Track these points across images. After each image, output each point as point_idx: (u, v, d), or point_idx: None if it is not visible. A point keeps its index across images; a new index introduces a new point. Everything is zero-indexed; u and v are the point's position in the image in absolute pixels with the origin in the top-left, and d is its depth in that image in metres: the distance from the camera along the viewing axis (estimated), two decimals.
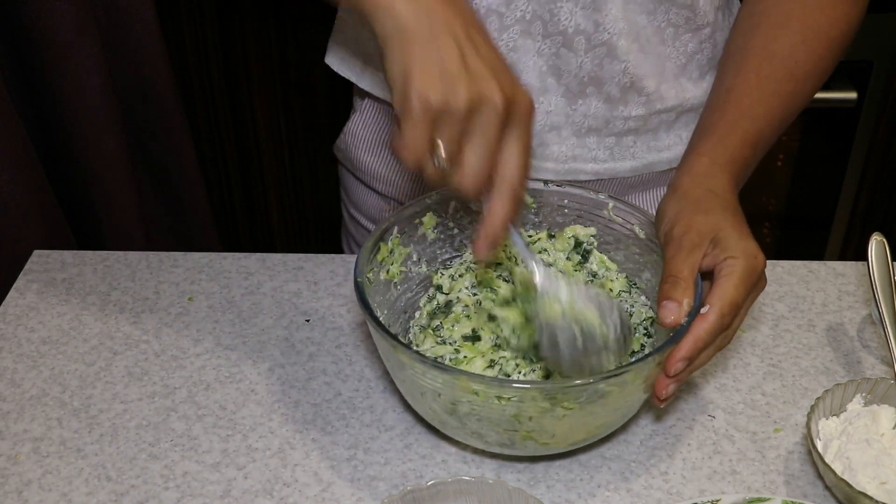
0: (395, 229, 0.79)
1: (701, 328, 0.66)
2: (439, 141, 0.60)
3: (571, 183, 0.84)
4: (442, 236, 0.83)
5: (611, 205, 0.81)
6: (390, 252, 0.79)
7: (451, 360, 0.75)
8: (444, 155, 0.60)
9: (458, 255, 0.84)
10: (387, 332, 0.67)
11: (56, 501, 0.72)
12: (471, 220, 0.83)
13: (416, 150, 0.60)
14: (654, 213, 0.77)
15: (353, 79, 0.98)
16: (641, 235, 0.80)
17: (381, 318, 0.72)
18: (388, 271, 0.79)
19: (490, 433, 0.69)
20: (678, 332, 0.67)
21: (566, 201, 0.83)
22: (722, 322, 0.67)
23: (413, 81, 0.59)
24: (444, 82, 0.59)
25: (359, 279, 0.72)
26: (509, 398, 0.65)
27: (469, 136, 0.60)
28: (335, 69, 0.99)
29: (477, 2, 0.84)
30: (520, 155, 0.62)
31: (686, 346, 0.66)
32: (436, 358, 0.75)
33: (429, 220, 0.81)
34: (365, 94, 0.99)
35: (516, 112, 0.61)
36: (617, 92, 0.88)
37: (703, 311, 0.67)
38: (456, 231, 0.84)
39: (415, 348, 0.77)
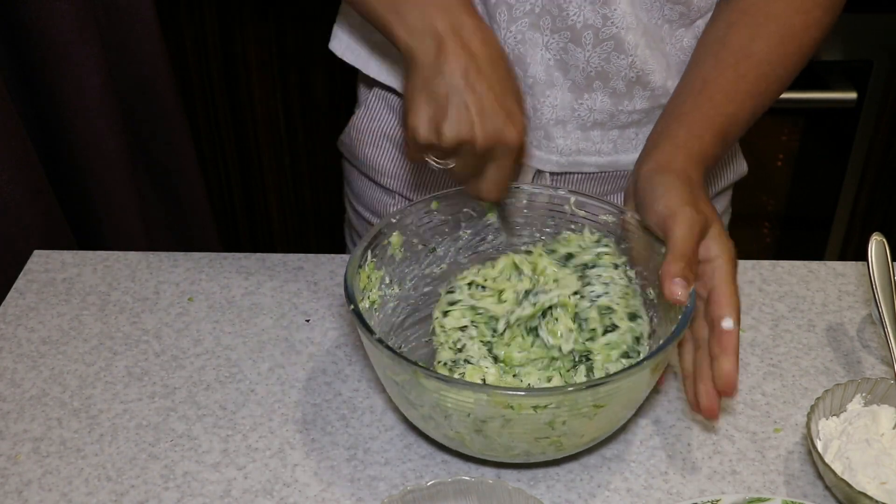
0: (370, 254, 0.77)
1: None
2: (428, 159, 0.73)
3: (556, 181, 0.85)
4: (409, 254, 0.82)
5: (572, 199, 0.81)
6: (368, 278, 0.78)
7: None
8: (436, 166, 0.73)
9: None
10: (405, 359, 0.66)
11: (56, 501, 0.72)
12: (434, 234, 0.82)
13: (414, 160, 0.75)
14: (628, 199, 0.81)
15: (358, 65, 0.96)
16: (610, 222, 0.80)
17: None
18: (369, 298, 0.78)
19: (519, 444, 0.69)
20: (686, 314, 0.69)
21: (525, 201, 0.83)
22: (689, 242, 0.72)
23: (408, 115, 0.71)
24: (430, 125, 0.70)
25: (353, 307, 0.71)
26: (545, 405, 0.65)
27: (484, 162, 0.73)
28: (339, 55, 0.97)
29: None
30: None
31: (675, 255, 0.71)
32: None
33: (396, 239, 0.80)
34: (371, 84, 0.99)
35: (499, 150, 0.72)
36: (623, 86, 0.88)
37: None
38: (420, 247, 0.82)
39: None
